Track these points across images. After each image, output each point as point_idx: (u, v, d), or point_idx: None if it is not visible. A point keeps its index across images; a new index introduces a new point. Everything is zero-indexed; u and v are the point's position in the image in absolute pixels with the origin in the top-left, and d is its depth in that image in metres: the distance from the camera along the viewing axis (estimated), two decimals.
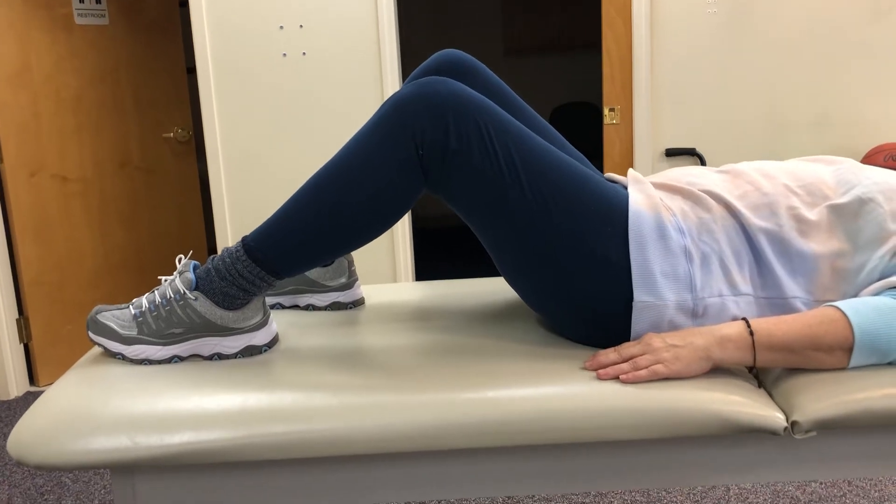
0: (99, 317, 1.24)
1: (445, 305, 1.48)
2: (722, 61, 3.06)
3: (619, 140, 3.18)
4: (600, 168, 5.59)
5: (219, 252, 3.49)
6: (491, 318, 1.40)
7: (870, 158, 2.90)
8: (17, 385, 3.30)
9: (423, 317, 1.42)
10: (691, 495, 2.19)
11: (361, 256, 3.35)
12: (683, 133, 3.13)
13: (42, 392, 3.31)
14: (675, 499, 2.18)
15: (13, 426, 2.94)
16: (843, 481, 2.22)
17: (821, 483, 2.21)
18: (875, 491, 2.16)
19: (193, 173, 3.92)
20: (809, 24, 3.00)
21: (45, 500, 2.38)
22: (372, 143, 1.18)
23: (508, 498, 2.24)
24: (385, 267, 3.34)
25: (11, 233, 3.23)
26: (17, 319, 3.30)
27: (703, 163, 3.11)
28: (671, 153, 3.11)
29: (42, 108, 3.28)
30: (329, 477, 1.12)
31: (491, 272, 5.14)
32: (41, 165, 3.29)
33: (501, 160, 1.17)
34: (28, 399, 3.24)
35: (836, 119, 3.05)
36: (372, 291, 1.62)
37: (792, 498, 2.14)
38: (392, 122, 1.17)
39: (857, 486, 2.19)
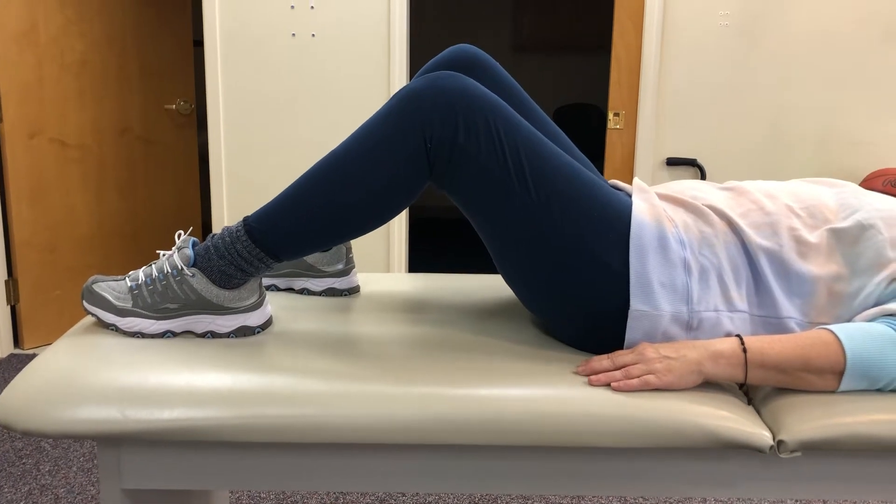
0: (95, 287, 1.24)
1: (441, 299, 1.49)
2: (729, 74, 3.06)
3: (621, 145, 3.18)
4: (601, 172, 5.60)
5: (216, 229, 3.47)
6: (485, 314, 1.40)
7: (869, 182, 2.91)
8: (1, 347, 3.28)
9: (417, 309, 1.42)
10: None
11: (355, 243, 3.34)
12: (686, 143, 3.13)
13: (27, 355, 3.30)
14: None
15: None
16: (821, 502, 2.24)
17: (798, 502, 2.23)
18: None
19: (193, 146, 3.90)
20: (819, 42, 3.00)
21: (24, 463, 2.38)
22: (380, 134, 1.17)
23: (486, 495, 2.25)
24: (379, 255, 3.34)
25: (6, 194, 3.21)
26: (5, 280, 3.28)
27: (703, 174, 3.11)
28: (672, 162, 3.12)
29: (46, 70, 3.25)
30: (315, 462, 1.12)
31: (483, 267, 5.14)
32: (41, 128, 3.27)
33: (508, 159, 1.17)
34: (12, 361, 3.23)
35: (837, 140, 3.06)
36: (368, 280, 1.62)
37: None
38: (402, 114, 1.17)
39: None
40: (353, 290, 1.51)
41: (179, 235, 1.23)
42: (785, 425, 1.05)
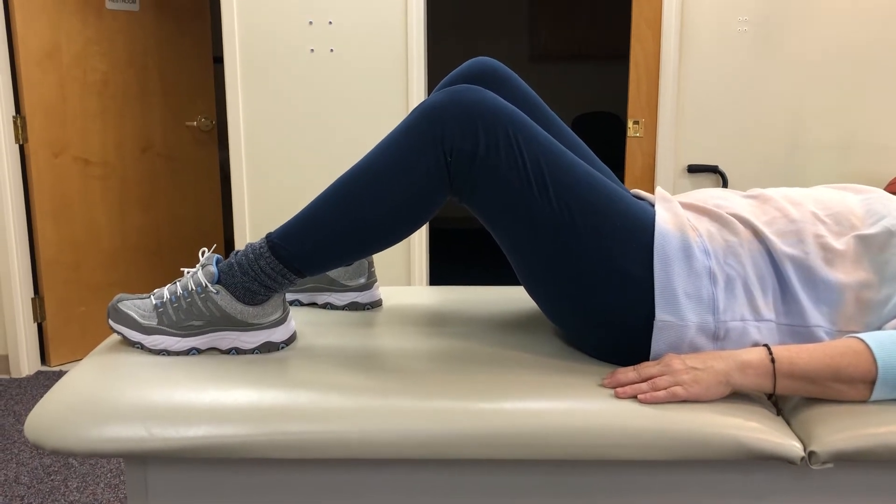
0: (120, 305, 1.25)
1: (463, 312, 1.48)
2: (749, 79, 3.04)
3: (641, 153, 3.17)
4: (621, 181, 5.58)
5: (238, 245, 3.49)
6: (508, 327, 1.39)
7: (893, 186, 2.88)
8: (28, 364, 3.32)
9: (440, 322, 1.42)
10: None
11: (377, 257, 3.35)
12: (707, 150, 3.11)
13: (53, 372, 3.33)
14: None
15: (23, 404, 2.97)
16: None
17: None
18: None
19: (214, 163, 3.94)
20: (839, 46, 2.98)
21: (52, 480, 2.40)
22: (401, 148, 1.18)
23: None
24: (400, 268, 3.34)
25: (31, 212, 3.25)
26: (32, 298, 3.32)
27: (724, 181, 3.09)
28: (693, 169, 3.10)
29: (69, 90, 3.30)
30: (340, 478, 1.12)
31: (505, 278, 5.13)
32: (64, 147, 3.31)
33: (529, 171, 1.17)
34: (39, 378, 3.26)
35: (860, 144, 3.03)
36: (390, 293, 1.62)
37: None
38: (422, 128, 1.17)
39: None
40: (376, 304, 1.51)
41: (203, 253, 1.24)
42: (816, 436, 1.04)
